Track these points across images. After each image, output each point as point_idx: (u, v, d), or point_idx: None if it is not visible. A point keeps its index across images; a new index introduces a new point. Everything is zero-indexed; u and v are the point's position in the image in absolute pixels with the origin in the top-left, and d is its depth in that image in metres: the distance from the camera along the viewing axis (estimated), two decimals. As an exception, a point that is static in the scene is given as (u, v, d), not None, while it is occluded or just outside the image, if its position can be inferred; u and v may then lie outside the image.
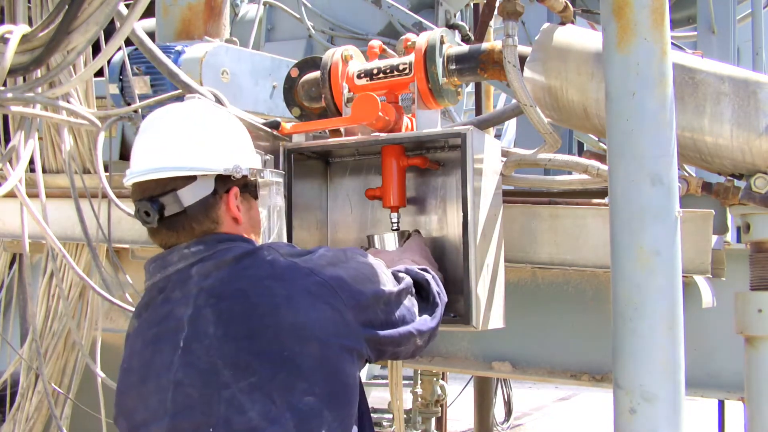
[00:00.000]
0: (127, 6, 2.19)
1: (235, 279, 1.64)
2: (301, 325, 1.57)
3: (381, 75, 2.25)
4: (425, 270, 1.94)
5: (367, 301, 1.66)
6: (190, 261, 1.69)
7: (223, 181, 1.73)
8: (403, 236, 2.21)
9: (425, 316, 1.82)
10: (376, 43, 2.35)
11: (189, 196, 1.69)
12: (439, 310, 1.88)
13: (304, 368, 1.56)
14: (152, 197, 1.69)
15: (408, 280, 1.82)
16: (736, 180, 2.12)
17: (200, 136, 1.73)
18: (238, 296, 1.61)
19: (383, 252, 2.12)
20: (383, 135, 2.15)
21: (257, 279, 1.63)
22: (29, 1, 2.41)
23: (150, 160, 1.71)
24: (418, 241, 2.18)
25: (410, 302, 1.80)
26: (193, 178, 1.69)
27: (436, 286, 1.90)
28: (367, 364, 1.83)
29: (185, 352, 1.60)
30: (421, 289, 1.87)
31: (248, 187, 1.80)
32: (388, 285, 1.73)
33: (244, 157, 1.78)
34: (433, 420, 6.85)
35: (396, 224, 2.22)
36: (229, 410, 1.53)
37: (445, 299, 1.93)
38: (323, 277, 1.63)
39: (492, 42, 2.31)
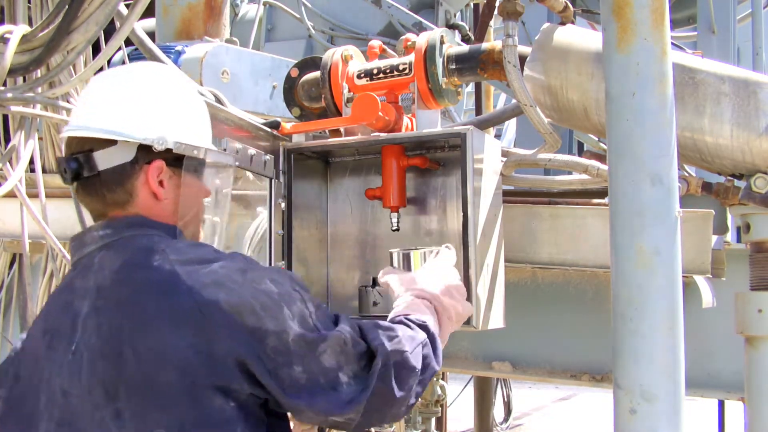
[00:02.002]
0: (127, 6, 2.19)
1: (120, 281, 1.51)
2: (162, 352, 1.41)
3: (381, 75, 2.25)
4: (418, 325, 1.63)
5: (246, 337, 1.42)
6: (98, 245, 1.59)
7: (147, 152, 1.60)
8: (431, 254, 1.96)
9: (336, 397, 1.47)
10: (376, 43, 2.35)
11: (104, 160, 1.58)
12: (363, 397, 1.47)
13: (163, 399, 1.41)
14: (72, 155, 1.60)
15: (340, 332, 1.49)
16: (736, 180, 2.12)
17: (131, 100, 1.62)
18: (116, 307, 1.48)
19: (402, 280, 1.82)
20: (383, 135, 2.15)
21: (135, 288, 1.48)
22: (29, 1, 2.41)
23: (79, 116, 1.63)
24: (445, 262, 1.89)
25: (333, 361, 1.47)
26: (113, 143, 1.58)
27: (390, 367, 1.51)
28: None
29: (75, 359, 1.49)
30: (371, 358, 1.52)
31: (180, 163, 1.64)
32: (293, 326, 1.45)
33: (176, 130, 1.63)
34: (433, 420, 6.85)
35: (396, 224, 2.22)
36: None
37: (400, 392, 1.52)
38: (197, 300, 1.42)
39: (492, 42, 2.31)
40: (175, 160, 1.63)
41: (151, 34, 3.03)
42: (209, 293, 1.44)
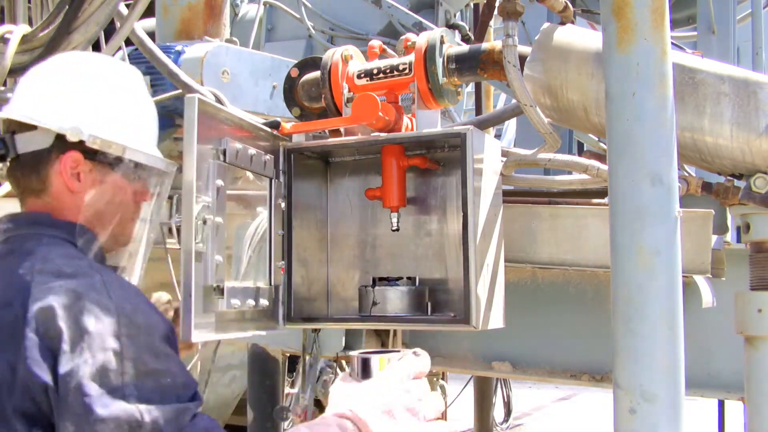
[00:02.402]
0: (127, 6, 2.19)
1: (2, 283, 1.48)
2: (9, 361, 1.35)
3: (381, 75, 2.25)
4: None
5: (40, 358, 1.33)
6: (1, 237, 1.60)
7: (63, 142, 1.60)
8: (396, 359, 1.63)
9: None
10: (376, 43, 2.35)
11: (23, 143, 1.61)
12: None
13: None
14: (1, 137, 1.64)
15: (147, 417, 1.30)
16: (736, 180, 2.12)
17: (53, 87, 1.63)
18: None
19: (343, 382, 1.54)
20: (383, 135, 2.15)
21: (6, 294, 1.44)
22: (29, 1, 2.41)
23: (12, 101, 1.67)
24: (401, 371, 1.52)
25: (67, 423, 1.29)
26: (33, 128, 1.60)
27: None
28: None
29: None
30: None
31: (103, 157, 1.62)
32: (84, 373, 1.30)
33: (96, 123, 1.61)
34: (433, 420, 6.85)
35: (396, 224, 2.22)
36: None
37: None
38: (25, 315, 1.36)
39: (492, 42, 2.31)
40: (94, 153, 1.62)
41: (151, 34, 3.04)
42: (35, 309, 1.36)
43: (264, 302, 2.11)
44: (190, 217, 1.71)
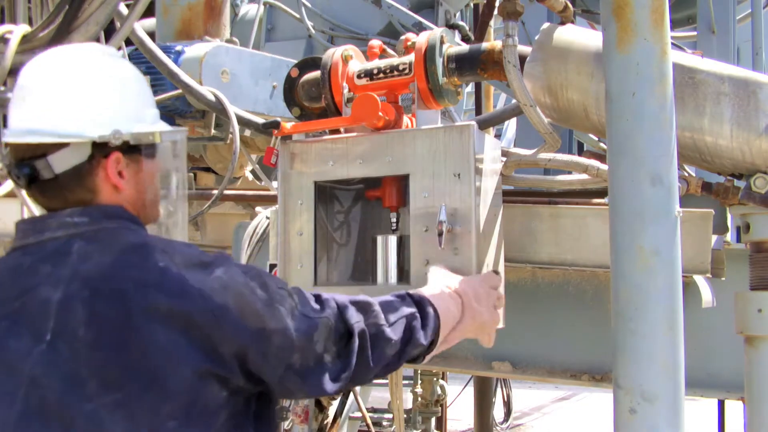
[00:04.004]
0: (127, 6, 2.19)
1: (117, 276, 1.48)
2: (169, 346, 1.44)
3: (381, 75, 2.25)
4: (402, 302, 1.71)
5: (251, 337, 1.49)
6: (70, 232, 1.54)
7: (102, 147, 1.56)
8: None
9: (325, 377, 1.57)
10: (376, 43, 2.35)
11: (61, 163, 1.54)
12: (348, 374, 1.59)
13: (171, 391, 1.44)
14: (23, 160, 1.55)
15: (326, 317, 1.58)
16: (736, 180, 2.12)
17: (76, 95, 1.57)
18: (117, 299, 1.46)
19: (441, 274, 1.90)
20: (383, 135, 2.15)
21: (142, 285, 1.47)
22: (29, 1, 2.41)
23: (22, 119, 1.56)
24: (488, 279, 1.96)
25: (322, 345, 1.57)
26: (66, 144, 1.54)
27: (365, 340, 1.61)
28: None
29: (50, 349, 1.46)
30: (349, 336, 1.61)
31: (136, 149, 1.62)
32: (290, 322, 1.53)
33: (128, 118, 1.60)
34: (433, 420, 6.86)
35: (396, 224, 2.22)
36: (89, 426, 1.42)
37: (376, 363, 1.63)
38: (209, 304, 1.47)
39: (492, 42, 2.31)
40: (129, 147, 1.61)
41: (151, 34, 3.04)
42: (219, 298, 1.48)
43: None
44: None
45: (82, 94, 1.57)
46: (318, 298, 1.63)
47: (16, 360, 1.47)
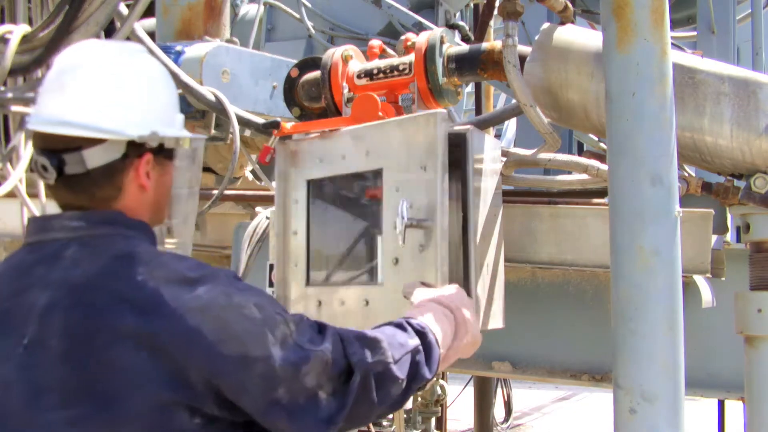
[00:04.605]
0: (127, 6, 2.19)
1: (97, 287, 1.44)
2: (133, 369, 1.38)
3: (381, 75, 2.25)
4: (416, 330, 1.60)
5: (227, 365, 1.40)
6: (68, 236, 1.52)
7: (136, 146, 1.54)
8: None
9: (315, 416, 1.46)
10: (376, 43, 2.35)
11: (95, 158, 1.50)
12: (343, 414, 1.47)
13: (129, 415, 1.38)
14: (54, 151, 1.50)
15: (322, 351, 1.47)
16: (735, 180, 2.12)
17: (117, 93, 1.54)
18: (91, 312, 1.42)
19: (426, 290, 1.82)
20: (383, 135, 2.15)
21: (117, 299, 1.42)
22: (29, 1, 2.41)
23: (57, 108, 1.51)
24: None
25: (314, 381, 1.45)
26: (102, 139, 1.50)
27: (369, 378, 1.50)
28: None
29: (27, 354, 1.43)
30: (349, 373, 1.50)
31: (164, 151, 1.61)
32: (278, 351, 1.43)
33: (163, 121, 1.59)
34: (433, 420, 6.85)
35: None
36: None
37: (380, 404, 1.52)
38: (180, 326, 1.39)
39: (492, 42, 2.31)
40: (159, 149, 1.59)
41: (151, 34, 3.03)
42: (193, 320, 1.40)
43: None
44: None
45: (121, 91, 1.54)
46: (321, 329, 1.53)
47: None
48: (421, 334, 1.61)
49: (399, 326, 1.61)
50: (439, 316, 1.70)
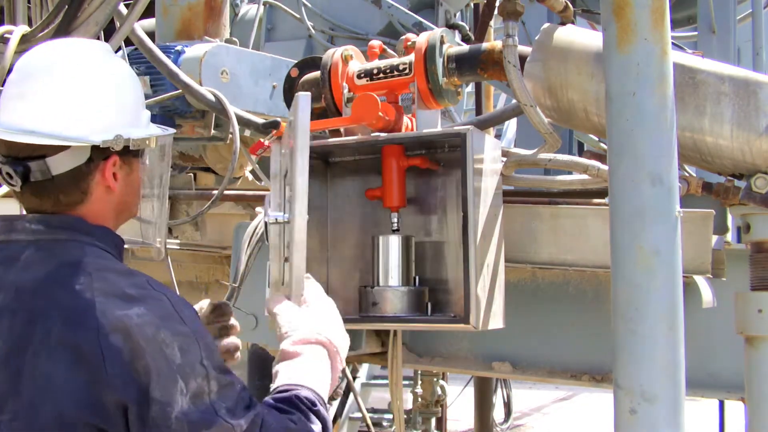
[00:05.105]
0: (127, 6, 2.19)
1: (39, 293, 1.45)
2: (55, 383, 1.38)
3: (381, 75, 2.25)
4: (313, 412, 1.52)
5: (136, 393, 1.38)
6: (28, 238, 1.52)
7: (101, 150, 1.53)
8: (407, 240, 2.20)
9: None
10: (376, 43, 2.35)
11: (59, 165, 1.50)
12: None
13: (41, 425, 1.39)
14: (18, 158, 1.50)
15: (237, 425, 1.41)
16: (736, 180, 2.12)
17: (80, 98, 1.53)
18: (29, 320, 1.43)
19: (294, 315, 1.68)
20: (383, 135, 2.15)
21: (52, 308, 1.42)
22: (29, 1, 2.41)
23: (21, 117, 1.51)
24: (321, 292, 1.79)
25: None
26: (66, 146, 1.50)
27: None
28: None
29: None
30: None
31: (131, 151, 1.59)
32: (182, 402, 1.39)
33: (128, 122, 1.58)
34: (433, 420, 6.86)
35: (396, 224, 2.22)
36: None
37: None
38: (100, 342, 1.38)
39: (492, 42, 2.31)
40: (125, 150, 1.58)
41: (151, 34, 3.04)
42: (115, 339, 1.39)
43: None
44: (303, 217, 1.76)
45: (85, 97, 1.54)
46: (249, 406, 1.45)
47: None
48: (317, 414, 1.54)
49: (294, 407, 1.51)
50: (316, 364, 1.61)
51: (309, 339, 1.64)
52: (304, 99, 1.73)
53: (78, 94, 1.54)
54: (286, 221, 1.80)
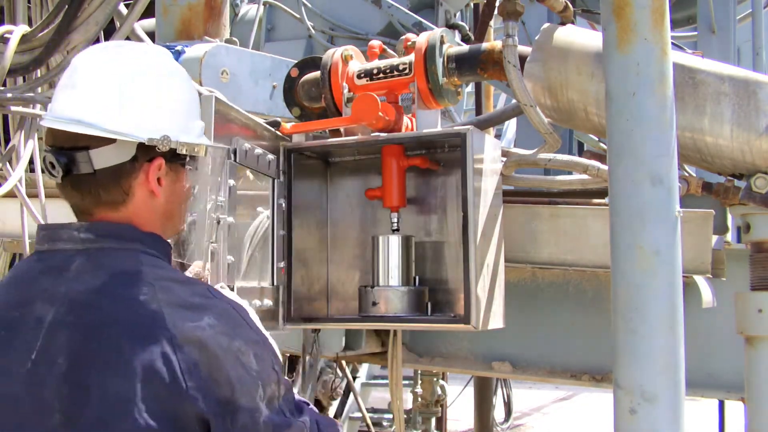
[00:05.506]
0: (127, 6, 2.19)
1: (98, 306, 1.42)
2: (128, 399, 1.35)
3: (381, 75, 2.25)
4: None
5: (216, 406, 1.38)
6: (76, 247, 1.48)
7: (147, 150, 1.50)
8: (407, 240, 2.20)
9: None
10: (376, 43, 2.35)
11: (102, 159, 1.47)
12: None
13: None
14: (62, 149, 1.48)
15: (304, 422, 1.50)
16: (736, 180, 2.12)
17: (131, 92, 1.50)
18: (91, 335, 1.40)
19: None
20: (383, 135, 2.15)
21: (115, 321, 1.40)
22: (29, 1, 2.41)
23: (70, 106, 1.48)
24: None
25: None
26: (112, 140, 1.47)
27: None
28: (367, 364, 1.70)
29: (33, 371, 1.41)
30: None
31: (179, 157, 1.56)
32: (263, 407, 1.43)
33: (179, 123, 1.56)
34: (433, 420, 6.85)
35: (396, 224, 2.22)
36: None
37: None
38: (177, 356, 1.36)
39: (492, 42, 2.31)
40: (173, 155, 1.55)
41: (151, 34, 3.04)
42: (190, 351, 1.37)
43: (268, 302, 2.12)
44: (204, 216, 1.71)
45: (136, 93, 1.51)
46: (300, 404, 1.54)
47: (4, 374, 1.44)
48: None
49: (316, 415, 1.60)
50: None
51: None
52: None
53: (129, 90, 1.51)
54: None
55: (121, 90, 1.50)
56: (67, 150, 1.48)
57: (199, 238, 1.73)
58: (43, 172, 1.55)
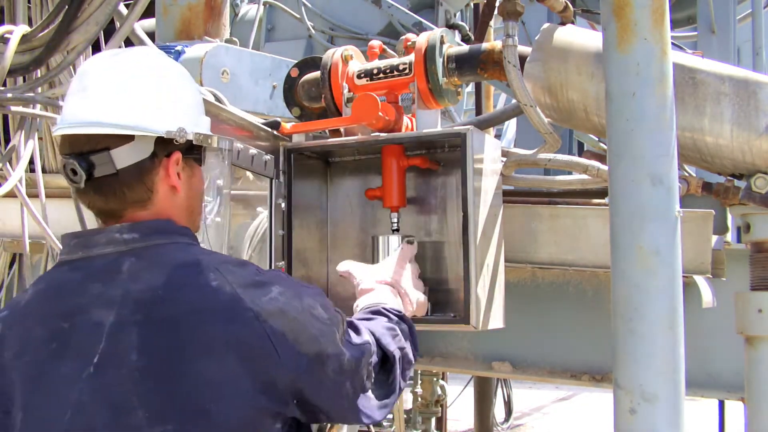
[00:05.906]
0: (127, 6, 2.19)
1: (169, 300, 1.43)
2: (223, 379, 1.39)
3: (381, 75, 2.25)
4: (398, 323, 1.74)
5: (307, 364, 1.45)
6: (120, 249, 1.49)
7: (164, 144, 1.53)
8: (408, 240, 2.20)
9: (373, 404, 1.59)
10: (376, 43, 2.35)
11: (123, 157, 1.49)
12: (392, 400, 1.64)
13: (220, 427, 1.39)
14: (81, 154, 1.48)
15: (369, 343, 1.60)
16: (736, 180, 2.12)
17: (143, 90, 1.53)
18: (169, 327, 1.41)
19: (365, 269, 1.98)
20: (383, 135, 2.15)
21: (194, 310, 1.41)
22: (29, 1, 2.41)
23: (83, 111, 1.50)
24: (405, 254, 2.03)
25: (365, 372, 1.58)
26: (130, 138, 1.49)
27: (401, 364, 1.68)
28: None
29: (98, 374, 1.40)
30: (386, 362, 1.66)
31: (192, 152, 1.59)
32: (344, 348, 1.53)
33: (190, 118, 1.58)
34: (433, 420, 6.86)
35: (396, 224, 2.22)
36: None
37: (404, 385, 1.70)
38: (266, 330, 1.41)
39: (492, 42, 2.31)
40: (187, 149, 1.58)
41: (151, 34, 3.04)
42: (275, 323, 1.43)
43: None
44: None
45: (147, 90, 1.54)
46: (351, 324, 1.63)
47: (63, 384, 1.42)
48: (402, 318, 1.78)
49: (384, 314, 1.75)
50: (389, 296, 1.88)
51: (379, 280, 1.92)
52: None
53: (141, 88, 1.53)
54: None
55: (133, 88, 1.53)
56: (86, 154, 1.49)
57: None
58: (63, 178, 1.54)
